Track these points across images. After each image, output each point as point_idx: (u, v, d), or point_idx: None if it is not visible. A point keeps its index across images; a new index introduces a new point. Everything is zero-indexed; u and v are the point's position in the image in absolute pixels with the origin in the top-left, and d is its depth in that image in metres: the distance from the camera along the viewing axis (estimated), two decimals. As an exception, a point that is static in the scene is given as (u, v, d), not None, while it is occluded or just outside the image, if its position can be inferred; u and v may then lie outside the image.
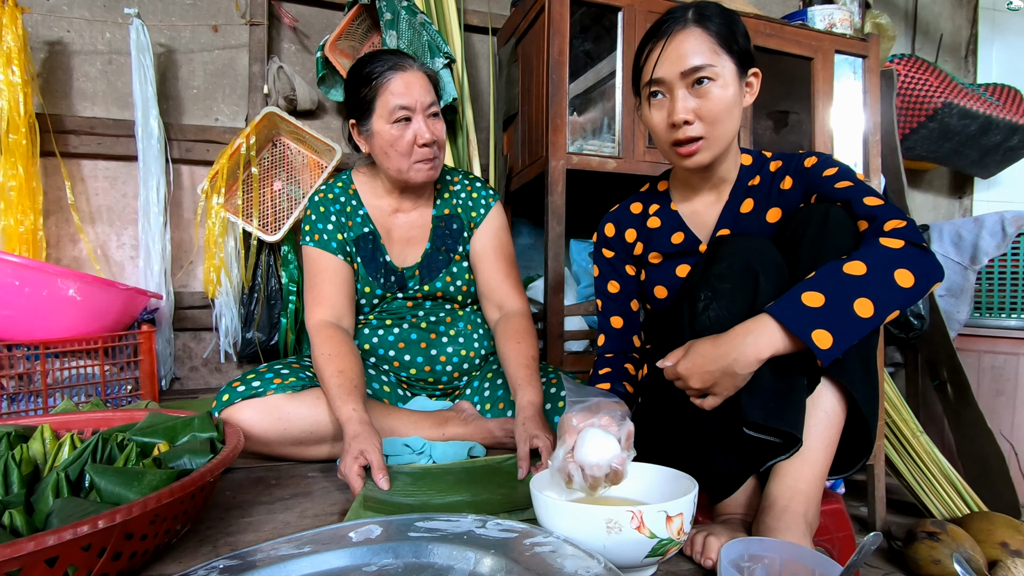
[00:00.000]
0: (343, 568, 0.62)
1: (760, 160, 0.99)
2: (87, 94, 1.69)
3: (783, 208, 0.93)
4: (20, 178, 1.48)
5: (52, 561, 0.54)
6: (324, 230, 1.21)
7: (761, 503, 0.76)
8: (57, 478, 0.67)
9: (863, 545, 0.55)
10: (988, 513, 1.61)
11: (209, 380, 1.81)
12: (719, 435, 0.80)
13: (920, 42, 2.84)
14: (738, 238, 0.83)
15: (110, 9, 1.70)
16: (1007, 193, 2.90)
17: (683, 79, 0.86)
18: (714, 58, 0.86)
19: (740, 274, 0.78)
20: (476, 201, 1.30)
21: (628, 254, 1.07)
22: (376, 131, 1.15)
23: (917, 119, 2.24)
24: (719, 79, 0.86)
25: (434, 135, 1.15)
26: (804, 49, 1.78)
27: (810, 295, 0.70)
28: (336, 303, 1.17)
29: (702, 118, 0.87)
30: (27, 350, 1.26)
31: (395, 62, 1.14)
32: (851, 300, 0.69)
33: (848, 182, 0.85)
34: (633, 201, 1.08)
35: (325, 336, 1.10)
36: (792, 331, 0.69)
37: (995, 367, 2.07)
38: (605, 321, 1.09)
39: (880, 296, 0.70)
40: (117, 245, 1.73)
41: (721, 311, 0.78)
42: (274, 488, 0.96)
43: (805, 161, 0.93)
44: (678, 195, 1.03)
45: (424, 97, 1.14)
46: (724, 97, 0.87)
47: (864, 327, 0.69)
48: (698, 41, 0.86)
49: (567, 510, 0.65)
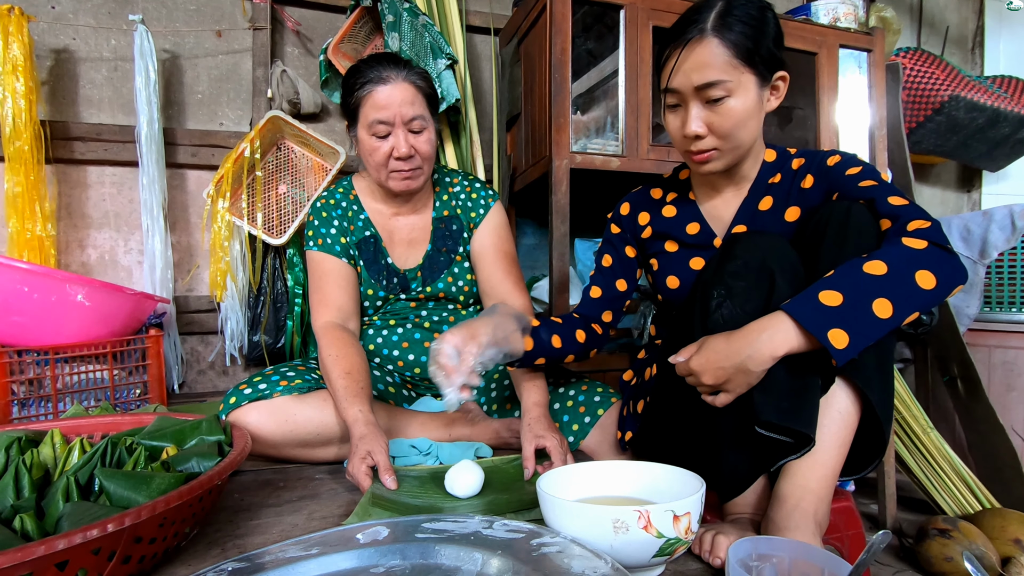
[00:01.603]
0: (351, 570, 0.62)
1: (784, 157, 0.98)
2: (93, 101, 1.71)
3: (802, 207, 0.92)
4: (26, 185, 1.50)
5: (63, 565, 0.54)
6: (327, 234, 1.22)
7: (771, 501, 0.75)
8: (67, 482, 0.68)
9: (872, 544, 0.55)
10: (1000, 509, 1.60)
11: (217, 383, 1.82)
12: (729, 433, 0.79)
13: (926, 35, 2.82)
14: (754, 236, 0.82)
15: (115, 16, 1.71)
16: (1016, 186, 2.87)
17: (697, 93, 0.85)
18: (731, 72, 0.83)
19: (755, 273, 0.77)
20: (475, 201, 1.30)
21: (635, 236, 1.07)
22: (359, 138, 1.17)
23: (924, 113, 2.22)
24: (735, 94, 0.83)
25: (412, 150, 1.15)
26: (808, 44, 1.77)
27: (828, 294, 0.69)
28: (342, 305, 1.18)
29: (714, 132, 0.86)
30: (37, 355, 1.27)
31: (379, 74, 1.13)
32: (870, 300, 0.68)
33: (872, 180, 0.83)
34: (655, 186, 1.09)
35: (331, 338, 1.10)
36: (808, 329, 0.68)
37: (1006, 362, 2.05)
38: (587, 287, 1.11)
39: (900, 297, 0.69)
40: (124, 250, 1.75)
41: (735, 309, 0.77)
42: (282, 490, 0.96)
43: (828, 160, 0.91)
44: (698, 187, 1.03)
45: (405, 110, 1.13)
46: (739, 111, 0.84)
47: (882, 328, 0.68)
48: (714, 55, 0.82)
49: (574, 510, 0.64)
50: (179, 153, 1.74)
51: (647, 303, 1.76)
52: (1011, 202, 2.02)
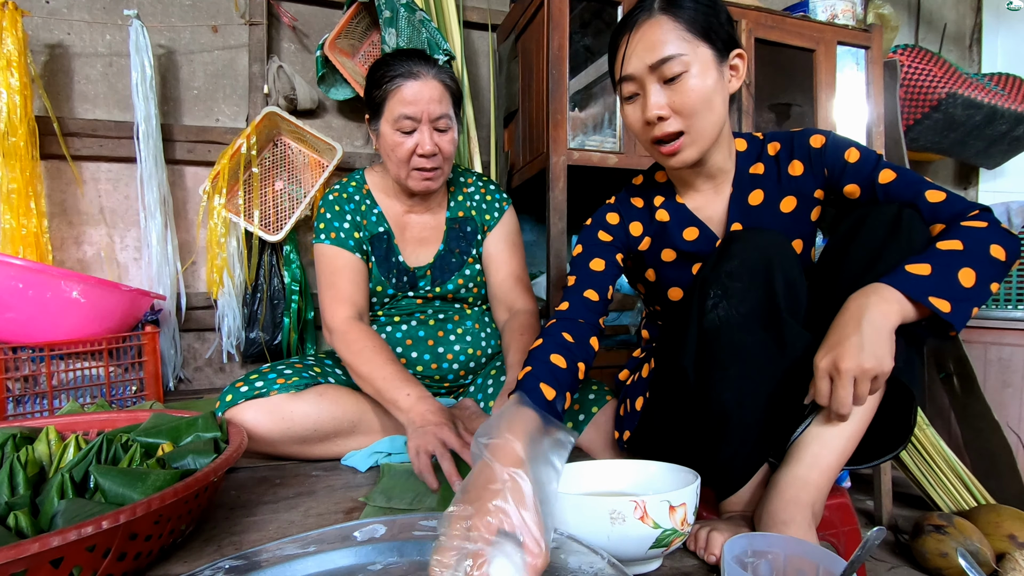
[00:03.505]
0: (348, 567, 0.62)
1: (755, 144, 0.94)
2: (88, 96, 1.70)
3: (798, 196, 0.90)
4: (21, 181, 1.49)
5: (57, 562, 0.54)
6: (340, 228, 1.20)
7: (768, 489, 0.74)
8: (62, 479, 0.68)
9: (867, 540, 0.55)
10: (995, 506, 1.60)
11: (214, 380, 1.82)
12: (727, 430, 0.79)
13: (923, 32, 2.82)
14: (752, 234, 0.80)
15: (110, 11, 1.70)
16: (1013, 183, 2.87)
17: (653, 72, 0.81)
18: (684, 46, 0.80)
19: (752, 273, 0.76)
20: (490, 204, 1.31)
21: (629, 247, 1.00)
22: (382, 133, 1.16)
23: (921, 110, 2.22)
24: (693, 68, 0.80)
25: (436, 148, 1.14)
26: (806, 41, 1.77)
27: (916, 266, 0.70)
28: (357, 300, 1.17)
29: (678, 112, 0.82)
30: (32, 352, 1.26)
31: (409, 68, 1.12)
32: (955, 270, 0.69)
33: (892, 172, 0.83)
34: (632, 196, 1.02)
35: (360, 332, 1.09)
36: (912, 297, 0.68)
37: (1002, 359, 2.06)
38: (577, 292, 0.93)
39: (981, 267, 0.70)
40: (121, 247, 1.74)
41: (731, 310, 0.76)
42: (278, 487, 0.96)
43: (811, 141, 0.88)
44: (680, 189, 0.99)
45: (433, 108, 1.12)
46: (701, 87, 0.80)
47: (970, 297, 0.68)
48: (665, 30, 0.80)
49: (570, 502, 0.64)
50: (175, 149, 1.73)
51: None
52: (1008, 199, 2.03)
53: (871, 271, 0.75)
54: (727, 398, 0.76)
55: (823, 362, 0.70)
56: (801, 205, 0.91)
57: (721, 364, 0.76)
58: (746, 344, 0.75)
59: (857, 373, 0.67)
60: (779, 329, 0.75)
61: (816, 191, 0.90)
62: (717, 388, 0.77)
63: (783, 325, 0.75)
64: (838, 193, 0.89)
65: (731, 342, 0.76)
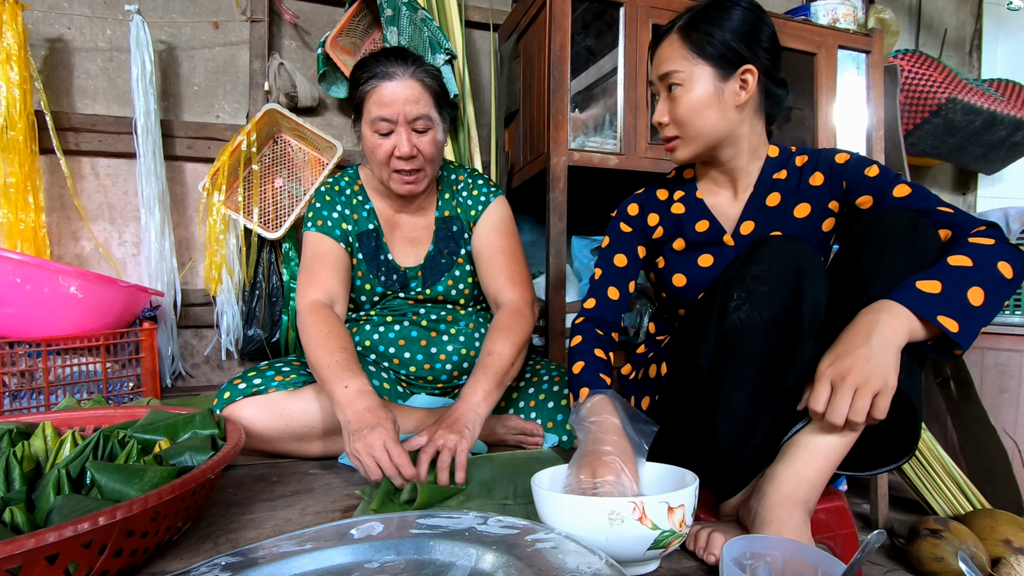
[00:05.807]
0: (345, 565, 0.62)
1: (786, 153, 1.00)
2: (88, 91, 1.69)
3: (812, 204, 0.94)
4: (20, 175, 1.48)
5: (53, 558, 0.54)
6: (328, 217, 1.19)
7: (763, 482, 0.74)
8: (58, 475, 0.67)
9: (867, 543, 0.55)
10: (991, 510, 1.60)
11: (212, 377, 1.81)
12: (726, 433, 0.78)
13: (924, 37, 2.83)
14: (781, 241, 0.80)
15: (111, 6, 1.70)
16: (1011, 189, 2.88)
17: (662, 83, 0.94)
18: (683, 64, 0.91)
19: (779, 279, 0.76)
20: (475, 199, 1.27)
21: (646, 237, 1.07)
22: (363, 134, 1.15)
23: (921, 115, 2.22)
24: (687, 84, 0.91)
25: (415, 150, 1.11)
26: (807, 44, 1.77)
27: (925, 283, 0.70)
28: (331, 287, 1.14)
29: (673, 120, 0.94)
30: (29, 347, 1.26)
31: (384, 69, 1.10)
32: (964, 289, 0.69)
33: (907, 188, 0.85)
34: (659, 187, 1.09)
35: (322, 316, 1.06)
36: (921, 315, 0.68)
37: (998, 364, 2.06)
38: (602, 289, 1.05)
39: (989, 286, 0.70)
40: (119, 242, 1.73)
41: (752, 313, 0.76)
42: (276, 485, 0.96)
43: (836, 157, 0.94)
44: (703, 184, 1.04)
45: (409, 109, 1.09)
46: (689, 100, 0.91)
47: (980, 316, 0.69)
48: (672, 48, 0.92)
49: (569, 503, 0.64)
50: (175, 145, 1.73)
51: (644, 301, 1.76)
52: (1006, 205, 2.03)
53: (881, 279, 0.75)
54: (738, 400, 0.76)
55: (828, 368, 0.70)
56: (815, 213, 0.94)
57: (735, 366, 0.76)
58: (763, 349, 0.75)
59: (860, 383, 0.67)
60: (796, 340, 0.75)
61: (831, 202, 0.94)
62: (730, 389, 0.77)
63: (801, 336, 0.75)
64: (851, 205, 0.91)
65: (749, 345, 0.76)
